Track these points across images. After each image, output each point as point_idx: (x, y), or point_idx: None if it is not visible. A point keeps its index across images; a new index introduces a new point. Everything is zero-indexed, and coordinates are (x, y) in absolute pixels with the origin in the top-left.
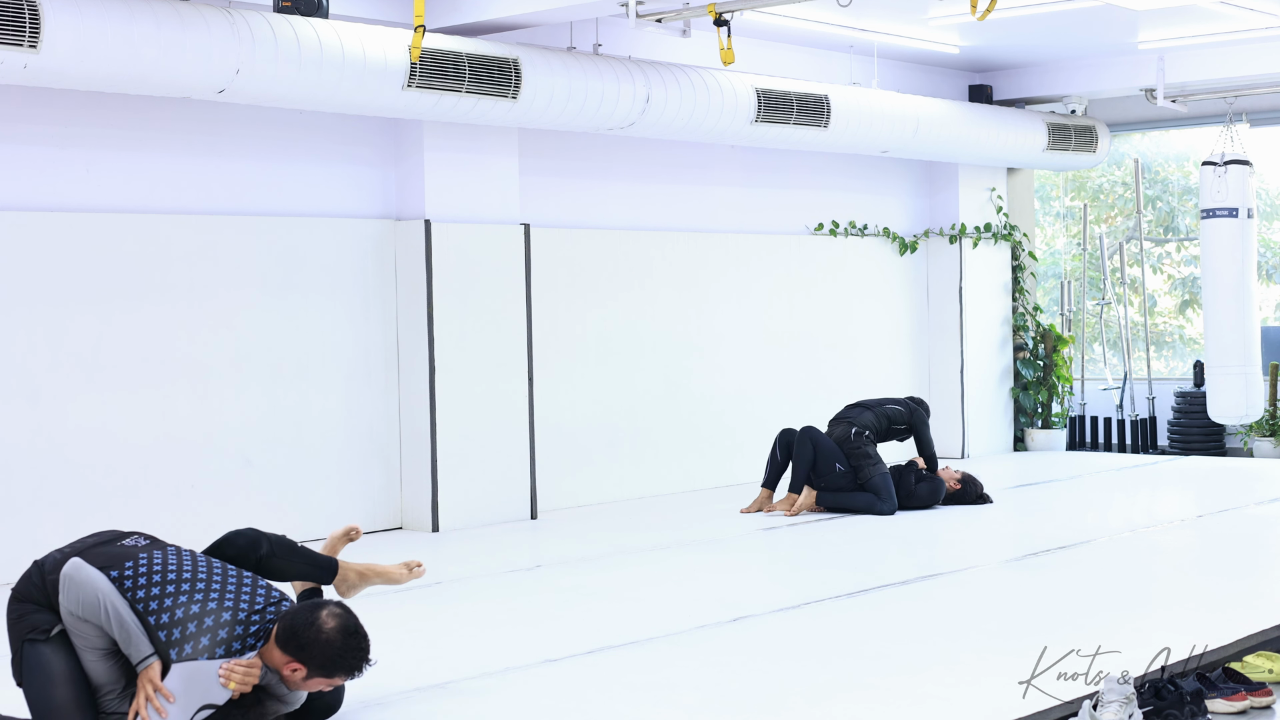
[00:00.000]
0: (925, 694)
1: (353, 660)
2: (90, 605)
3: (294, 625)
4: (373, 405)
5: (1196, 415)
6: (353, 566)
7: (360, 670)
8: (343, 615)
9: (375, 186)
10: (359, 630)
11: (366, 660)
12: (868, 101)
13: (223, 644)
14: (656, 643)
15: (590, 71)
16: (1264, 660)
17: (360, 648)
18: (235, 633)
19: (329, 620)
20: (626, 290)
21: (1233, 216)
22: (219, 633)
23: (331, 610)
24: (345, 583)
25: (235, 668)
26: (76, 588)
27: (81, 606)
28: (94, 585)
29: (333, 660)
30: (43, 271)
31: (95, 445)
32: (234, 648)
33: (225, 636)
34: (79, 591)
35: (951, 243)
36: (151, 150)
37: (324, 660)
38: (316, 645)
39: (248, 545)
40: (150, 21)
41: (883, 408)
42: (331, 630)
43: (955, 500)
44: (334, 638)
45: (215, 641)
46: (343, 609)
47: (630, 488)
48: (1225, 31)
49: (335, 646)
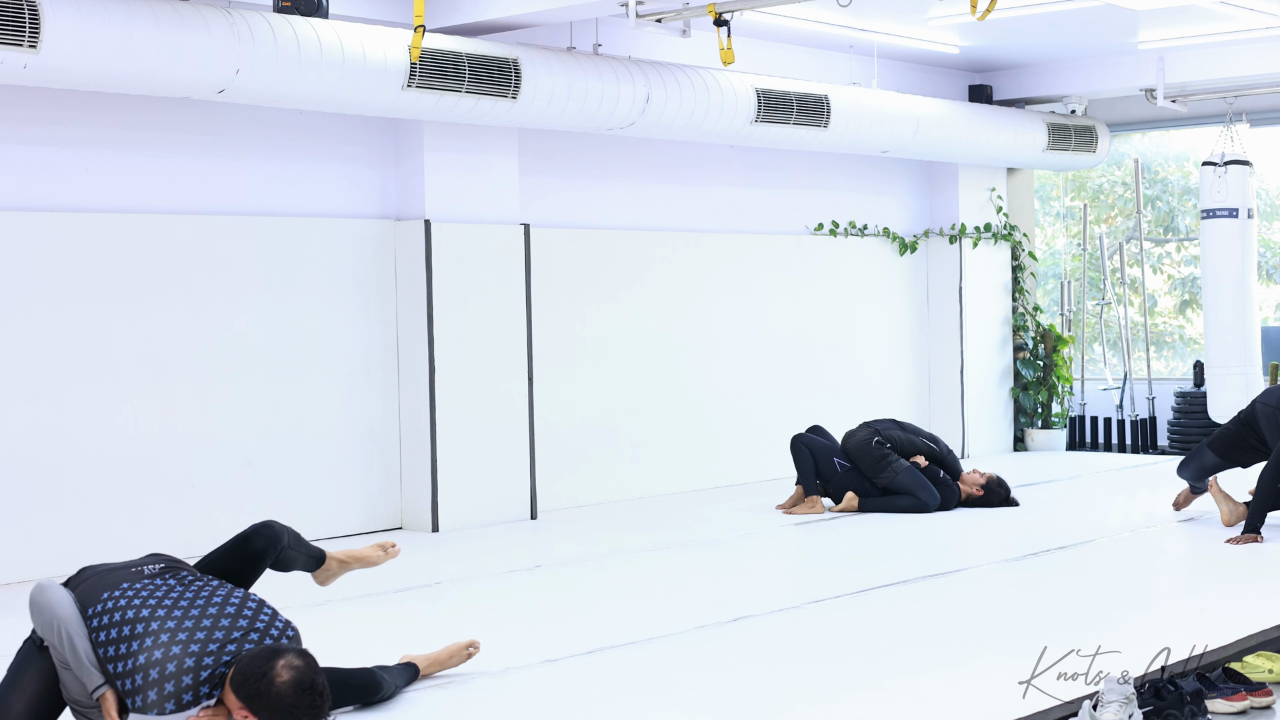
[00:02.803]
0: (926, 694)
1: (304, 717)
2: (48, 628)
3: (247, 673)
4: (372, 405)
5: (1196, 415)
6: (334, 555)
7: None
8: (300, 669)
9: (375, 187)
10: (314, 686)
11: (321, 717)
12: (868, 101)
13: (172, 697)
14: (656, 643)
15: (590, 71)
16: (1264, 660)
17: (314, 704)
18: (185, 683)
19: (283, 673)
20: (626, 290)
21: (1233, 217)
22: (169, 685)
23: (289, 661)
24: (327, 571)
25: None
26: (38, 610)
27: (42, 628)
28: (53, 610)
29: (283, 715)
30: (42, 271)
31: (95, 445)
32: (185, 700)
33: (174, 689)
34: (39, 615)
35: (951, 243)
36: (151, 150)
37: (273, 713)
38: (267, 698)
39: (272, 539)
40: (150, 21)
41: (919, 437)
42: (283, 685)
43: (978, 505)
44: (285, 692)
45: (165, 695)
46: (303, 659)
47: (630, 488)
48: (1225, 31)
49: (286, 701)
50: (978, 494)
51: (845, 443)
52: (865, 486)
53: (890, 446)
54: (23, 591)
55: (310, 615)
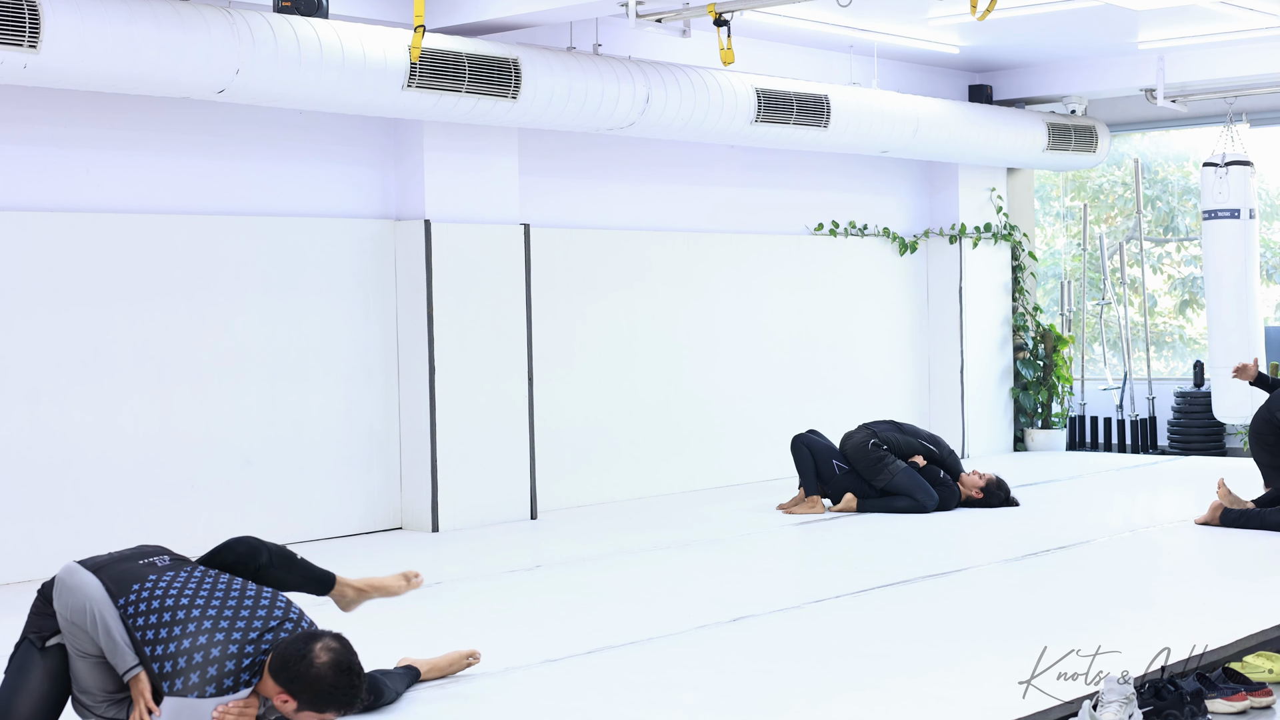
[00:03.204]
0: (926, 694)
1: (343, 697)
2: (79, 610)
3: (286, 656)
4: (372, 405)
5: (1197, 415)
6: (350, 583)
7: (352, 707)
8: (337, 650)
9: (375, 187)
10: (352, 667)
11: (359, 697)
12: (868, 101)
13: (214, 681)
14: (656, 643)
15: (590, 71)
16: (1264, 660)
17: (352, 685)
18: (228, 669)
19: (322, 654)
20: (626, 290)
21: (1234, 217)
22: (211, 669)
23: (326, 644)
24: (344, 599)
25: (229, 711)
26: (68, 593)
27: (72, 611)
28: (84, 591)
29: (322, 696)
30: (42, 272)
31: (95, 445)
32: (225, 685)
33: (216, 674)
34: (70, 596)
35: (951, 243)
36: (151, 150)
37: (313, 695)
38: (307, 679)
39: (246, 553)
40: (150, 21)
41: (916, 438)
42: (323, 665)
43: (978, 505)
44: (325, 673)
45: (206, 679)
46: (339, 642)
47: (630, 488)
48: (1225, 31)
49: (325, 682)
50: (977, 496)
51: (843, 445)
52: (863, 488)
53: (887, 448)
54: (23, 591)
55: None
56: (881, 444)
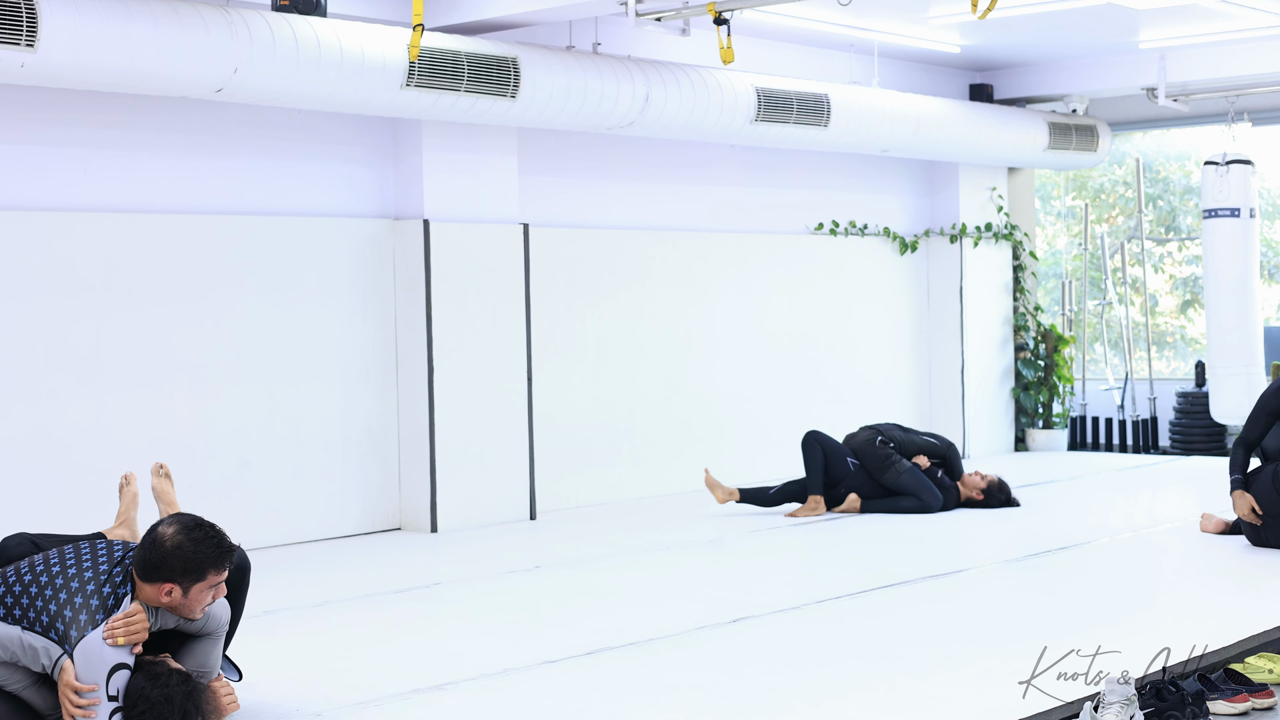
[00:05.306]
0: (927, 695)
1: (210, 550)
2: None
3: (143, 554)
4: (371, 405)
5: (1198, 415)
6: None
7: (227, 555)
8: (180, 518)
9: (374, 186)
10: (201, 523)
11: (226, 542)
12: (868, 101)
13: (99, 609)
14: (656, 644)
15: (590, 71)
16: (1265, 661)
17: (210, 535)
18: (103, 593)
19: (167, 529)
20: (626, 290)
21: (1235, 216)
22: (91, 601)
23: (165, 524)
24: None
25: (115, 623)
26: None
27: None
28: None
29: (191, 560)
30: (40, 271)
31: (93, 445)
32: (109, 605)
33: (96, 603)
34: None
35: (952, 242)
36: (149, 150)
37: (184, 565)
38: (170, 556)
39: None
40: (148, 20)
41: (920, 436)
42: (173, 534)
43: (978, 506)
44: (181, 541)
45: (91, 611)
46: (178, 516)
47: (630, 488)
48: (1226, 30)
49: (187, 548)
50: (978, 498)
51: (848, 443)
52: (873, 487)
53: (893, 446)
54: None
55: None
56: (888, 441)
